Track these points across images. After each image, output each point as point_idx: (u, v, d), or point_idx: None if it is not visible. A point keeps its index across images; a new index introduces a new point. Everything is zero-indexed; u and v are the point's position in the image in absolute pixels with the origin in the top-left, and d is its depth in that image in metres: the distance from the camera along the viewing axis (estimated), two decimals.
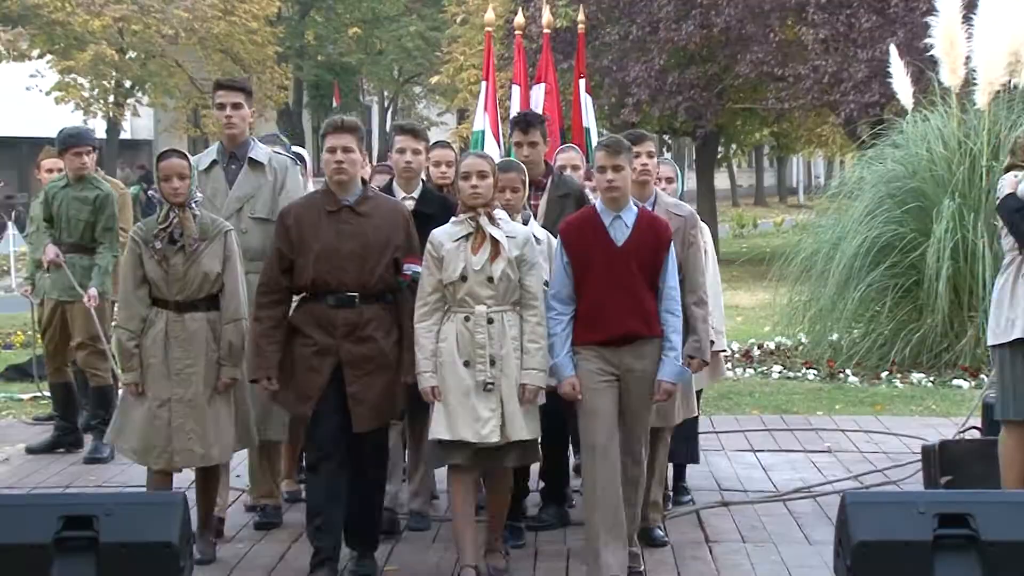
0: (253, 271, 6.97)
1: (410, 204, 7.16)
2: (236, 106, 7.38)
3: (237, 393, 6.80)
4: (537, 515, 7.51)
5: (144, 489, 7.02)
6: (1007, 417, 7.04)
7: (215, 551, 6.92)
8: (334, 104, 42.07)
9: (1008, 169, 7.14)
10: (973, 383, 11.82)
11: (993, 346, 7.12)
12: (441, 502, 7.86)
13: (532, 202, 7.36)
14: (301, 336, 6.49)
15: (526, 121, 7.58)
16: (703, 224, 7.54)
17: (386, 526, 7.07)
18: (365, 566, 6.59)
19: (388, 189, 7.38)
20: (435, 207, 7.12)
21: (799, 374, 12.91)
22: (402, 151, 7.37)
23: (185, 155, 6.76)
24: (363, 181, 6.79)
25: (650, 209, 6.74)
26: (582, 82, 10.88)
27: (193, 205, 6.68)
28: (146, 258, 6.65)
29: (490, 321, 6.29)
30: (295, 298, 6.65)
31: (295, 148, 8.69)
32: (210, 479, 6.91)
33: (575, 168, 8.06)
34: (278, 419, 7.32)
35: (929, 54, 13.08)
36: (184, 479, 7.19)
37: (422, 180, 7.52)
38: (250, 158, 7.44)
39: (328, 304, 6.45)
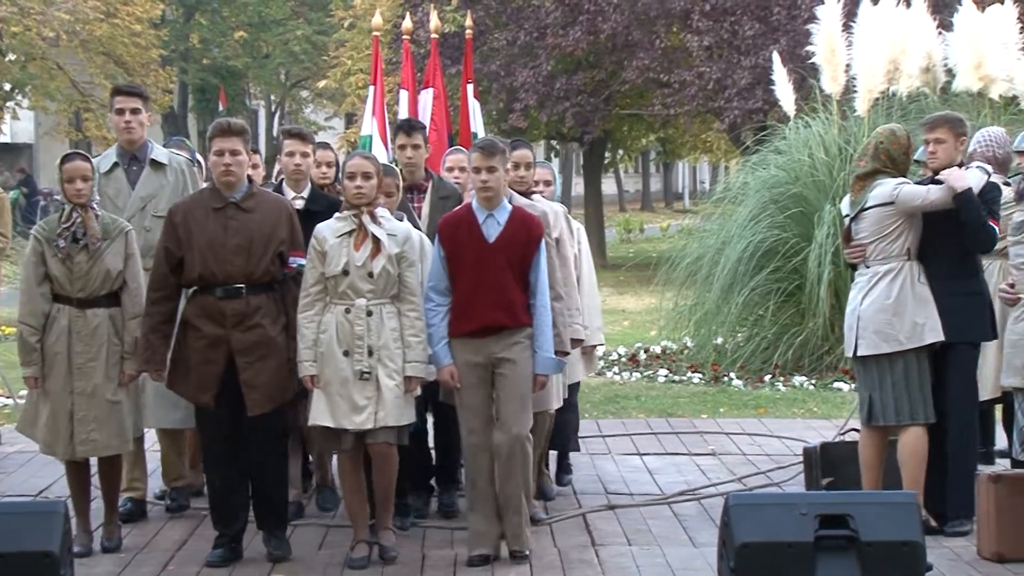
0: None
1: (299, 204, 7.51)
2: (135, 111, 7.69)
3: (134, 386, 7.08)
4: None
5: (24, 498, 7.06)
6: (918, 420, 7.11)
7: (92, 543, 7.09)
8: (220, 108, 41.64)
9: (873, 173, 7.18)
10: (853, 385, 11.98)
11: (893, 352, 7.13)
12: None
13: (415, 204, 7.71)
14: (193, 329, 6.82)
15: (409, 125, 8.00)
16: (577, 223, 8.04)
17: (292, 513, 7.42)
18: (276, 544, 6.91)
19: (278, 190, 7.68)
20: (323, 206, 7.37)
21: (684, 378, 13.04)
22: (291, 154, 7.71)
23: (88, 158, 7.07)
24: (249, 179, 7.01)
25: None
26: (470, 87, 10.90)
27: (94, 206, 6.96)
28: (49, 256, 6.92)
29: (369, 313, 6.67)
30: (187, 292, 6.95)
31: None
32: (113, 469, 7.16)
33: (463, 170, 8.18)
34: (188, 408, 7.49)
35: (811, 61, 13.28)
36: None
37: (310, 181, 7.82)
38: (152, 159, 7.75)
39: (217, 296, 6.77)
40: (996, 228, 7.07)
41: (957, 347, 7.18)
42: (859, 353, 7.21)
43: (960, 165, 7.32)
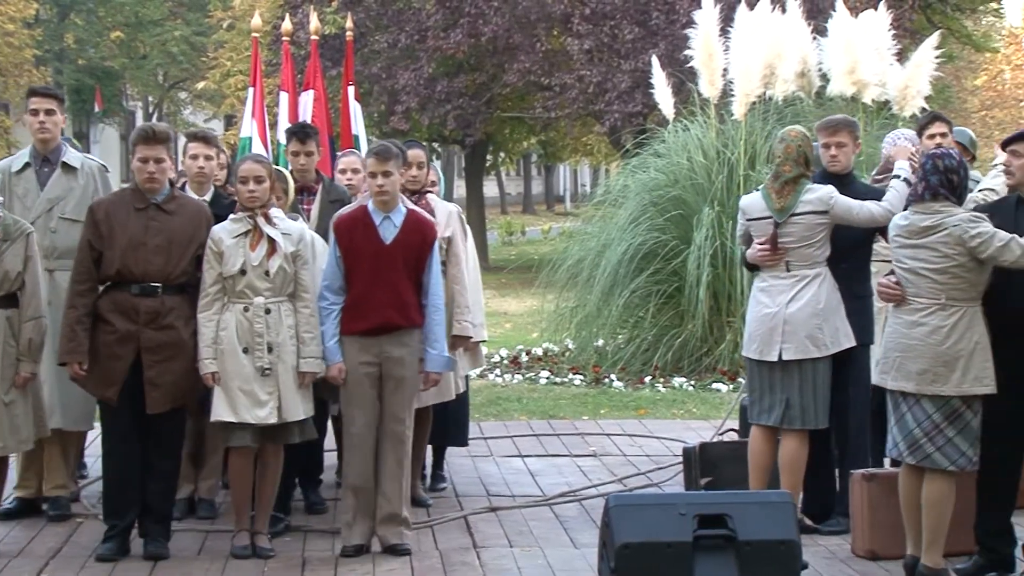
0: (61, 269, 7.45)
1: (207, 205, 7.52)
2: (49, 112, 7.78)
3: (34, 387, 7.12)
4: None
5: None
6: (821, 425, 7.20)
7: None
8: (96, 109, 41.03)
9: (798, 178, 7.22)
10: (731, 386, 12.15)
11: (819, 357, 7.17)
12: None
13: (304, 207, 7.78)
14: (104, 324, 6.90)
15: (304, 132, 8.07)
16: (467, 225, 8.17)
17: (181, 510, 7.58)
18: (157, 546, 6.95)
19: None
20: (226, 210, 7.38)
21: (566, 379, 13.10)
22: (195, 157, 7.82)
23: None
24: (170, 183, 7.13)
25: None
26: (351, 89, 10.84)
27: None
28: None
29: (267, 311, 6.86)
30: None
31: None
32: (2, 470, 7.23)
33: (356, 171, 8.30)
34: (83, 409, 7.61)
35: (689, 66, 13.41)
36: None
37: (213, 184, 7.92)
38: (63, 162, 7.79)
39: (132, 293, 6.88)
40: None
41: (857, 349, 7.31)
42: (785, 357, 7.19)
43: (889, 169, 7.53)
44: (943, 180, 6.32)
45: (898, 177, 7.39)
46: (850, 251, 7.28)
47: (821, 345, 7.16)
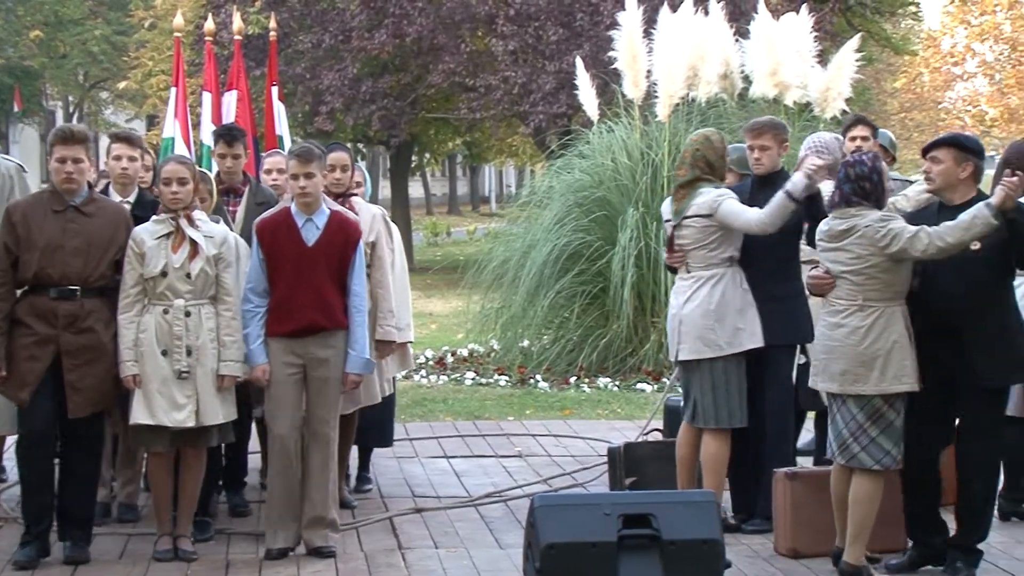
0: None
1: (126, 208, 7.44)
2: None
3: None
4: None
5: None
6: (734, 425, 7.27)
7: None
8: (15, 109, 40.50)
9: (694, 181, 7.30)
10: (655, 387, 12.21)
11: (715, 357, 7.24)
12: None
13: (230, 208, 7.73)
14: (22, 327, 6.81)
15: (231, 135, 8.03)
16: (393, 225, 8.14)
17: (99, 514, 7.46)
18: (78, 550, 6.89)
19: (104, 193, 7.61)
20: (150, 211, 7.30)
21: (491, 380, 13.11)
22: (118, 158, 7.70)
23: None
24: (89, 185, 7.07)
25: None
26: (275, 90, 10.79)
27: None
28: None
29: (187, 314, 6.84)
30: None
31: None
32: None
33: (282, 172, 8.20)
34: (6, 414, 7.45)
35: (613, 67, 13.46)
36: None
37: (138, 185, 7.81)
38: None
39: (50, 296, 6.79)
40: None
41: (775, 350, 7.35)
42: (681, 357, 7.33)
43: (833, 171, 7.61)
44: (855, 188, 6.47)
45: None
46: (767, 252, 7.32)
47: (714, 345, 7.22)
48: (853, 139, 8.24)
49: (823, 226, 6.58)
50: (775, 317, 7.32)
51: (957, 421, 6.66)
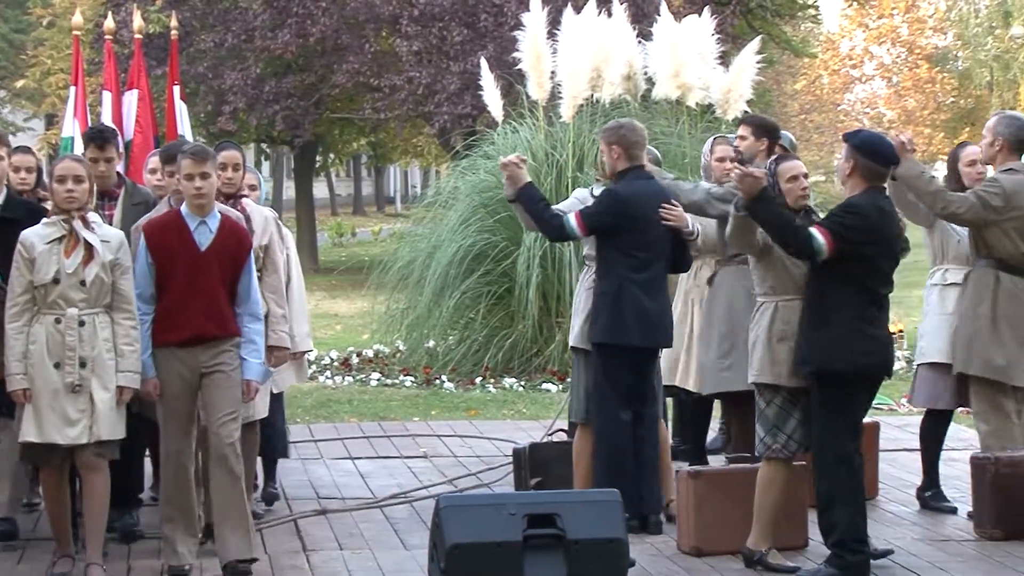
0: None
1: None
2: None
3: None
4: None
5: None
6: (575, 419, 7.54)
7: None
8: None
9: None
10: (561, 387, 12.25)
11: (581, 347, 7.50)
12: None
13: (106, 212, 7.40)
14: None
15: (103, 137, 7.60)
16: (286, 229, 7.92)
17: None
18: None
19: None
20: (21, 212, 7.04)
21: (397, 381, 13.08)
22: None
23: None
24: None
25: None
26: (176, 89, 10.69)
27: None
28: None
29: (81, 323, 6.45)
30: None
31: None
32: None
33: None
34: None
35: (517, 68, 13.48)
36: None
37: (6, 186, 7.38)
38: None
39: None
40: None
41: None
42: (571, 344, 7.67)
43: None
44: None
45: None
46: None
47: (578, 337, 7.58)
48: (738, 139, 8.30)
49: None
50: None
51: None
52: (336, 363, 14.11)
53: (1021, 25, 56.39)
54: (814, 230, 6.43)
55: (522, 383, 12.67)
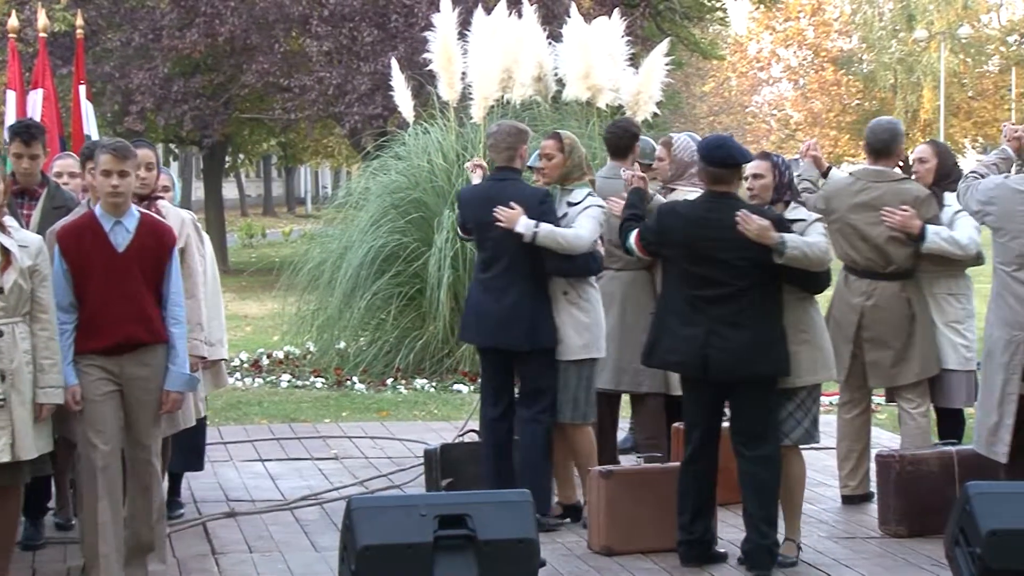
0: None
1: None
2: None
3: None
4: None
5: None
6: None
7: None
8: None
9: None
10: (472, 387, 12.27)
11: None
12: None
13: (25, 212, 7.23)
14: None
15: (29, 133, 7.39)
16: (204, 233, 7.73)
17: None
18: None
19: None
20: None
21: (307, 383, 13.03)
22: None
23: None
24: None
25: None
26: (82, 88, 10.56)
27: None
28: None
29: (0, 334, 6.09)
30: None
31: None
32: None
33: (73, 175, 7.81)
34: None
35: (428, 69, 13.46)
36: None
37: None
38: None
39: None
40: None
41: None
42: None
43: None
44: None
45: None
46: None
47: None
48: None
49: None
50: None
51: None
52: (246, 365, 14.03)
53: (924, 28, 57.34)
54: (633, 232, 6.91)
55: (433, 384, 12.66)
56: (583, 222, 7.42)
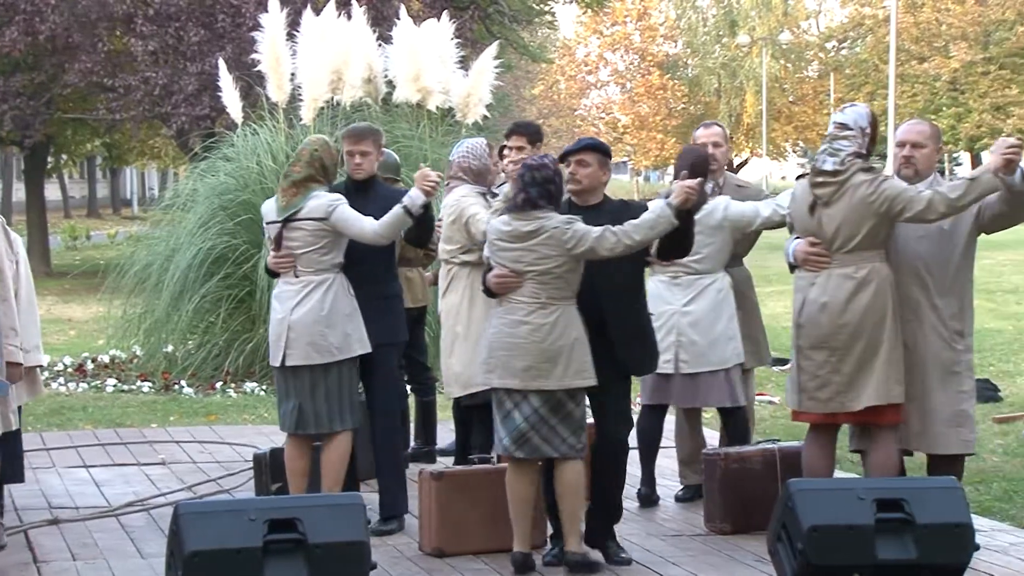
0: None
1: None
2: None
3: None
4: None
5: None
6: (346, 427, 7.34)
7: None
8: None
9: (307, 180, 7.23)
10: None
11: (327, 363, 7.31)
12: None
13: None
14: None
15: None
16: (16, 234, 7.50)
17: None
18: None
19: None
20: None
21: (134, 387, 12.83)
22: None
23: None
24: None
25: None
26: None
27: None
28: None
29: None
30: None
31: None
32: None
33: None
34: None
35: (257, 69, 13.36)
36: None
37: None
38: None
39: None
40: None
41: (379, 349, 7.42)
42: (288, 363, 7.25)
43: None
44: (542, 191, 6.65)
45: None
46: (369, 252, 7.36)
47: (325, 351, 7.22)
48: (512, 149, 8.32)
49: (503, 226, 6.68)
50: (378, 317, 7.40)
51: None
52: (70, 369, 13.75)
53: (747, 34, 58.55)
54: None
55: (264, 387, 12.55)
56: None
